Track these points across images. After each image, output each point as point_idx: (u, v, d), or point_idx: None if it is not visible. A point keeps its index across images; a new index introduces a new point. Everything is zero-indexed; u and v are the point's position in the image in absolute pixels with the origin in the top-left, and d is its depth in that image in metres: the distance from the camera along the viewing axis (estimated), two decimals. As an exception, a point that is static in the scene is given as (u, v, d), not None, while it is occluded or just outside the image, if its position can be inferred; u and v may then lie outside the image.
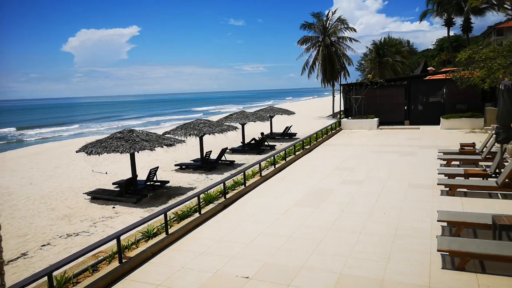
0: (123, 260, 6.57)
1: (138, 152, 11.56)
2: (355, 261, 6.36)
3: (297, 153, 16.21)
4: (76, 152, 12.06)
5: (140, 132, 12.46)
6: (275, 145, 20.85)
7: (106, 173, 16.27)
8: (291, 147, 16.30)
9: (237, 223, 8.57)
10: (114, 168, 16.97)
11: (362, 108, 25.66)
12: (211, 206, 9.49)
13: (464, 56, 16.58)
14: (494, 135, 10.68)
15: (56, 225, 10.11)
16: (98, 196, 12.16)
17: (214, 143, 20.65)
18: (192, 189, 12.81)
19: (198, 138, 15.68)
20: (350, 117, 25.64)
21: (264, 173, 12.83)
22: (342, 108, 27.87)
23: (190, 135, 15.02)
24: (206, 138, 16.26)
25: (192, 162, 16.66)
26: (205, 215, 9.01)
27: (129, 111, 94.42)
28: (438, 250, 6.01)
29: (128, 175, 13.33)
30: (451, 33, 53.34)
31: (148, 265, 6.78)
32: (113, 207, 11.26)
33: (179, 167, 16.25)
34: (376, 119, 24.23)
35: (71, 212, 11.08)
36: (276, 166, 13.84)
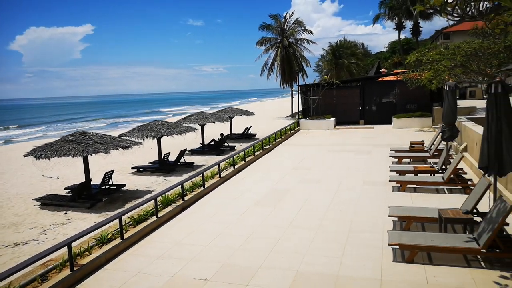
0: (75, 268, 6.30)
1: (91, 155, 11.15)
2: (312, 258, 6.50)
3: (256, 153, 16.32)
4: (24, 156, 11.43)
5: (94, 134, 12.02)
6: (235, 146, 20.87)
7: (58, 177, 15.55)
8: (250, 148, 16.39)
9: (196, 225, 8.49)
10: (66, 173, 16.24)
11: (320, 108, 26.26)
12: (169, 208, 9.33)
13: (413, 59, 17.46)
14: (440, 133, 11.32)
15: (1, 234, 9.52)
16: (49, 202, 11.59)
17: (173, 145, 20.31)
18: (149, 192, 12.53)
19: (156, 140, 15.37)
20: (308, 117, 26.18)
21: (223, 174, 12.80)
22: (301, 109, 28.39)
23: (147, 137, 14.69)
24: (164, 140, 15.97)
25: (150, 164, 16.31)
26: (163, 218, 8.84)
27: (86, 113, 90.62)
28: (389, 244, 6.28)
29: (82, 179, 12.81)
30: (402, 36, 55.94)
31: (102, 271, 6.55)
32: (65, 213, 10.78)
33: (136, 170, 15.85)
34: (333, 119, 24.90)
35: (19, 220, 10.49)
36: (236, 167, 13.85)
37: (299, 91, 28.18)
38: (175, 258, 6.84)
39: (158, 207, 8.97)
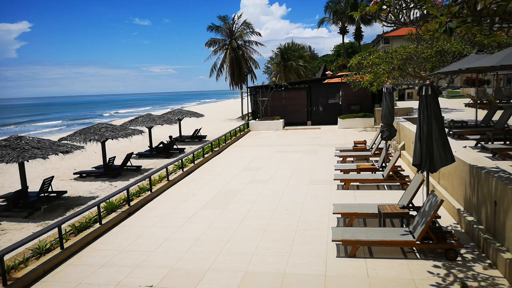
0: (9, 282, 5.88)
1: (27, 161, 10.45)
2: (260, 258, 6.59)
3: (206, 155, 16.20)
4: (-51, 164, 10.46)
5: (30, 139, 11.28)
6: (185, 148, 20.56)
7: (-10, 186, 14.40)
8: (199, 150, 16.25)
9: (142, 231, 8.27)
10: (0, 180, 15.10)
11: (269, 110, 26.64)
12: (113, 215, 9.00)
13: (355, 62, 18.28)
14: (380, 133, 11.93)
15: None
16: (-20, 212, 10.70)
17: (120, 149, 19.61)
18: (93, 198, 11.99)
19: (100, 144, 14.74)
20: (257, 119, 26.45)
21: (172, 177, 12.58)
22: (250, 110, 28.62)
23: (90, 140, 14.03)
24: (110, 143, 15.37)
25: (94, 169, 15.60)
26: (107, 225, 8.51)
27: (22, 116, 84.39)
28: (333, 240, 6.53)
29: (18, 187, 11.98)
30: (346, 40, 58.35)
31: (40, 284, 6.18)
32: (-1, 224, 10.02)
33: (79, 175, 15.09)
34: (281, 120, 25.36)
35: None
36: (185, 169, 13.67)
37: (248, 93, 28.40)
38: (120, 265, 6.62)
39: (102, 213, 8.62)
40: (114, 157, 15.60)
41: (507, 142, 10.65)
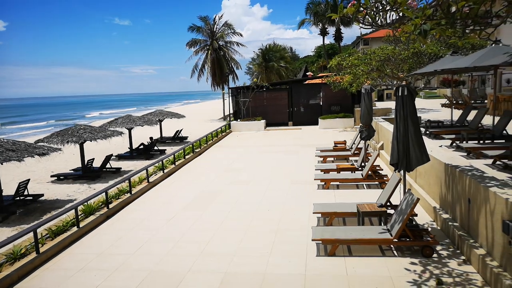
0: (-19, 289, 5.72)
1: (1, 163, 10.15)
2: (240, 259, 6.59)
3: (187, 156, 16.10)
4: None
5: (5, 141, 10.97)
6: (165, 150, 20.36)
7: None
8: (180, 151, 16.13)
9: (122, 233, 8.15)
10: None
11: (250, 110, 26.67)
12: (92, 218, 8.83)
13: (334, 63, 18.52)
14: (359, 133, 12.11)
15: None
16: (-49, 218, 10.34)
17: (99, 150, 19.26)
18: (71, 201, 11.75)
19: (78, 146, 14.45)
20: (239, 120, 26.45)
21: (152, 178, 12.44)
22: (232, 111, 28.59)
23: (68, 142, 13.74)
24: (89, 145, 15.08)
25: (72, 172, 15.28)
26: (85, 228, 8.36)
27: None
28: (313, 240, 6.59)
29: (-9, 190, 11.62)
30: (327, 42, 58.90)
31: (14, 290, 6.02)
32: (-29, 229, 9.70)
33: (56, 178, 14.76)
34: (263, 121, 25.43)
35: None
36: (165, 171, 13.54)
37: (230, 94, 28.36)
38: (98, 269, 6.50)
39: (79, 216, 8.46)
40: (93, 159, 15.32)
41: (481, 141, 10.97)
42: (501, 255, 5.10)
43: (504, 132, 11.15)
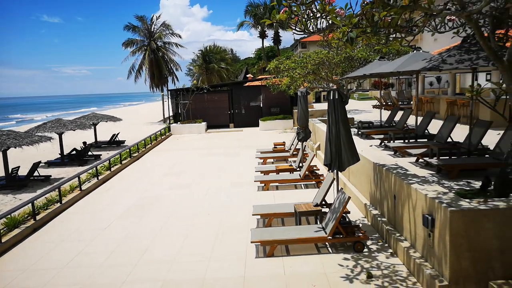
0: None
1: None
2: (179, 265, 6.48)
3: (123, 161, 15.49)
4: None
5: None
6: (101, 155, 19.39)
7: None
8: (117, 156, 15.48)
9: (51, 246, 7.64)
10: None
11: (191, 112, 26.33)
12: (16, 231, 8.18)
13: (272, 66, 18.91)
14: (296, 135, 12.47)
15: None
16: None
17: (26, 158, 17.84)
18: (-8, 214, 10.76)
19: (0, 153, 13.26)
20: (179, 122, 25.99)
21: (85, 186, 11.81)
22: (172, 114, 28.01)
23: (-13, 149, 12.57)
24: (14, 152, 13.92)
25: (-6, 181, 14.00)
26: (8, 243, 7.71)
27: None
28: (252, 242, 6.66)
29: None
30: (266, 44, 59.77)
31: None
32: None
33: (-26, 189, 13.43)
34: (204, 123, 25.23)
35: None
36: (100, 177, 12.92)
37: (169, 96, 27.78)
38: (23, 287, 6.03)
39: (1, 231, 7.78)
40: (19, 167, 14.16)
41: (406, 141, 11.80)
42: (423, 247, 5.54)
43: (426, 131, 12.09)
